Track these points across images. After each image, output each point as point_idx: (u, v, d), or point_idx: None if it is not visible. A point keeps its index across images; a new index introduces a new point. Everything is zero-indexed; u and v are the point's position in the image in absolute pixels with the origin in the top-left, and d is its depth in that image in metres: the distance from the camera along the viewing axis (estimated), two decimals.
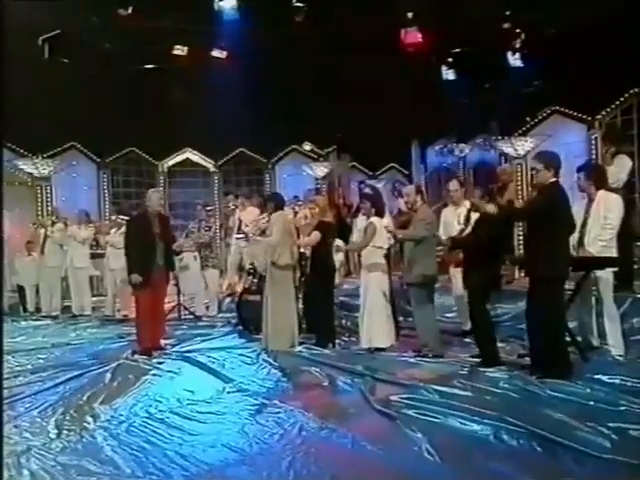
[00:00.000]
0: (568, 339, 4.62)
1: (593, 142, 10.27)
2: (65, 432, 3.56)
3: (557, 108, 10.76)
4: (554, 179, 4.47)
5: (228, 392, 4.31)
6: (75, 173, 12.01)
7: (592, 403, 3.70)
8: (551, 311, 4.27)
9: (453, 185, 6.16)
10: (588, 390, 3.95)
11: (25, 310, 9.34)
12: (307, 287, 6.17)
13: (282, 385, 4.48)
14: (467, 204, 5.90)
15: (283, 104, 13.97)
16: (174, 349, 5.97)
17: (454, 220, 5.88)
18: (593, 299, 5.16)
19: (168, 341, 6.30)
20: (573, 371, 4.29)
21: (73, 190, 11.95)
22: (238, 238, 8.15)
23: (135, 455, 3.15)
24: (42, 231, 8.94)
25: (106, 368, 5.17)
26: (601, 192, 5.05)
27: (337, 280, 6.64)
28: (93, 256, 9.16)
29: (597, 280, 4.98)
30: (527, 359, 4.61)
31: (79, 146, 12.11)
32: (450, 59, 16.13)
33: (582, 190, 5.11)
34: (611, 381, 4.15)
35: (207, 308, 8.27)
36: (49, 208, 11.31)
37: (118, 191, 12.66)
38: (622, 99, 9.90)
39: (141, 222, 5.95)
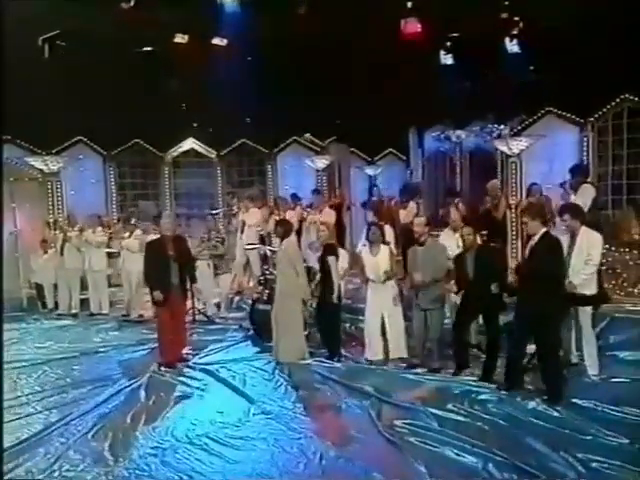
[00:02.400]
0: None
1: (585, 144, 10.79)
2: (121, 459, 4.23)
3: (551, 109, 11.20)
4: (544, 229, 5.09)
5: (253, 414, 4.99)
6: (82, 167, 12.41)
7: (567, 431, 4.40)
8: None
9: (453, 214, 6.77)
10: (564, 416, 4.67)
11: (44, 306, 9.94)
12: (317, 301, 6.77)
13: (299, 406, 5.15)
14: (467, 230, 6.54)
15: (283, 94, 14.30)
16: (195, 360, 6.62)
17: (453, 244, 6.52)
18: (572, 322, 5.83)
19: (187, 349, 6.94)
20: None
21: (81, 184, 12.38)
22: (248, 249, 8.73)
23: None
24: (60, 235, 9.44)
25: (138, 383, 5.84)
26: (583, 228, 5.67)
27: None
28: (110, 255, 9.72)
29: (577, 308, 5.65)
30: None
31: (85, 140, 12.46)
32: (448, 43, 16.46)
33: (568, 228, 5.71)
34: (585, 405, 4.87)
35: (218, 307, 8.93)
36: (60, 203, 11.78)
37: (124, 183, 13.09)
38: (613, 103, 10.37)
39: (157, 247, 6.52)
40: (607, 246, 8.78)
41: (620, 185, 10.41)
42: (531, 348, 5.31)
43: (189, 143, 13.53)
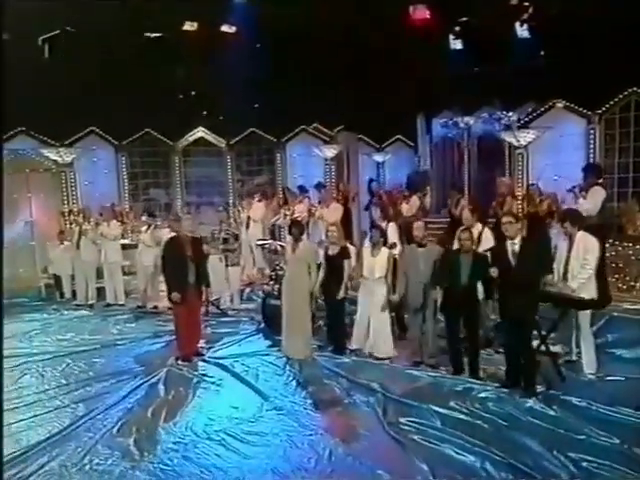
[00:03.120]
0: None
1: (592, 136, 10.92)
2: (145, 453, 4.59)
3: (559, 101, 11.31)
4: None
5: (267, 410, 5.33)
6: (95, 157, 12.69)
7: (561, 431, 4.71)
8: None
9: (466, 214, 7.00)
10: (560, 415, 4.97)
11: (62, 296, 10.33)
12: (325, 297, 7.08)
13: (309, 402, 5.49)
14: (479, 227, 6.81)
15: (292, 82, 14.44)
16: (210, 354, 6.97)
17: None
18: (573, 320, 6.11)
19: (202, 343, 7.28)
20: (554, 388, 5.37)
21: (94, 174, 12.70)
22: (259, 245, 9.03)
23: (207, 478, 4.19)
24: (77, 229, 9.77)
25: (157, 378, 6.20)
26: (580, 233, 5.90)
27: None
28: (124, 247, 10.05)
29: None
30: None
31: (98, 131, 12.71)
32: (457, 28, 16.47)
33: (567, 233, 5.94)
34: (580, 404, 5.16)
35: (231, 300, 9.26)
36: (74, 193, 12.10)
37: (136, 172, 13.38)
38: (621, 96, 10.47)
39: (175, 246, 6.81)
40: (611, 240, 9.08)
41: (626, 178, 10.57)
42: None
43: (199, 132, 13.74)
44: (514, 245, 5.52)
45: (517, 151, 11.55)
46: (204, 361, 6.74)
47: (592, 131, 10.87)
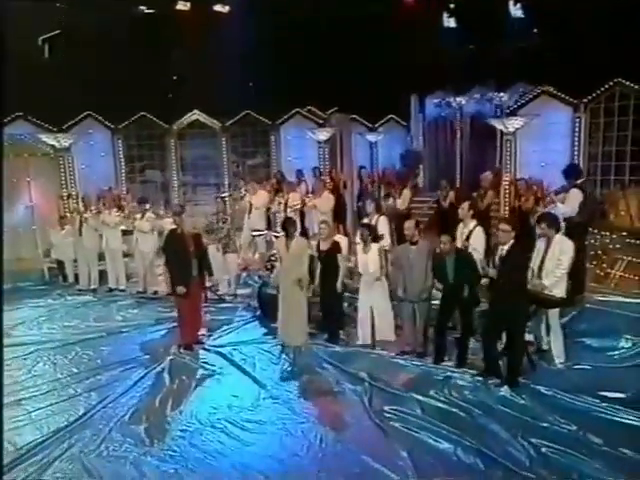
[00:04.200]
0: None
1: (577, 124, 11.34)
2: (155, 441, 5.18)
3: (546, 89, 11.67)
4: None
5: (264, 398, 5.92)
6: (92, 141, 13.02)
7: (527, 418, 5.32)
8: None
9: (462, 208, 7.49)
10: (528, 403, 5.58)
11: (65, 280, 10.84)
12: (320, 289, 7.60)
13: (302, 390, 6.08)
14: (471, 224, 7.31)
15: (286, 62, 14.70)
16: (209, 342, 7.53)
17: (458, 236, 7.32)
18: (545, 312, 6.68)
19: (203, 330, 7.83)
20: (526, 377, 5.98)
21: (91, 158, 13.05)
22: (255, 235, 9.52)
23: (213, 463, 4.79)
24: (78, 217, 10.20)
25: (162, 366, 6.77)
26: (558, 236, 6.42)
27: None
28: (124, 232, 10.50)
29: None
30: None
31: (94, 115, 13.00)
32: (452, 5, 16.70)
33: (544, 235, 6.45)
34: (547, 393, 5.77)
35: (229, 284, 9.78)
36: (72, 177, 12.49)
37: (132, 155, 13.73)
38: (607, 86, 10.84)
39: (178, 242, 7.29)
40: (591, 229, 9.65)
41: (609, 166, 11.04)
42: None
43: (194, 115, 14.02)
44: (502, 250, 6.02)
45: (505, 137, 11.95)
46: (205, 349, 7.31)
47: (578, 120, 11.27)
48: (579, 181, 7.70)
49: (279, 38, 14.85)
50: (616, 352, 6.65)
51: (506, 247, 5.97)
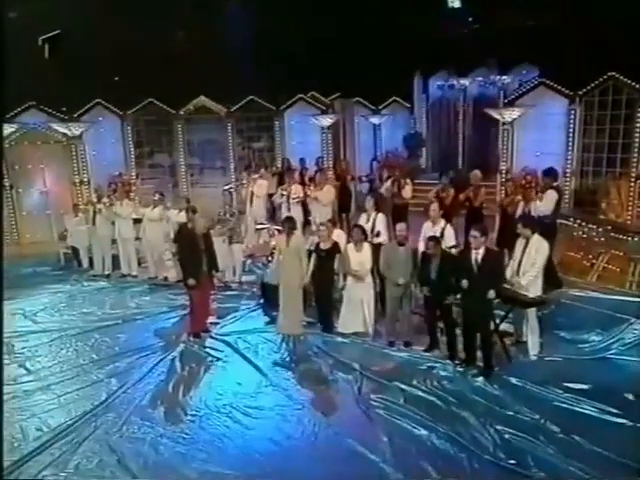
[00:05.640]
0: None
1: (572, 116, 11.85)
2: (170, 423, 6.05)
3: (543, 80, 12.14)
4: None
5: (265, 386, 6.76)
6: (102, 128, 13.70)
7: (497, 408, 6.12)
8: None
9: (433, 207, 8.19)
10: (499, 394, 6.38)
11: (80, 265, 11.68)
12: (315, 284, 8.36)
13: (299, 378, 6.92)
14: (442, 223, 8.06)
15: (289, 47, 15.18)
16: (216, 331, 8.35)
17: (430, 233, 8.01)
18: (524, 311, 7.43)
19: (212, 318, 8.66)
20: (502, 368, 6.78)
21: (102, 144, 13.77)
22: (258, 229, 10.27)
23: (219, 445, 5.65)
24: (91, 208, 10.97)
25: (174, 354, 7.63)
26: (535, 237, 7.12)
27: None
28: (135, 221, 11.25)
29: None
30: None
31: (103, 102, 13.65)
32: None
33: (522, 235, 7.14)
34: (518, 384, 6.56)
35: (234, 272, 10.57)
36: (84, 163, 13.23)
37: (141, 140, 14.42)
38: (601, 79, 11.31)
39: (190, 237, 8.07)
40: (579, 221, 10.32)
41: (601, 158, 11.60)
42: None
43: (200, 100, 14.61)
44: (477, 254, 6.72)
45: (503, 127, 12.48)
46: (212, 338, 8.14)
47: (573, 111, 11.78)
48: (555, 183, 8.40)
49: (282, 21, 15.31)
50: (587, 345, 7.42)
51: (480, 251, 6.65)
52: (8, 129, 12.16)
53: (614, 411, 5.92)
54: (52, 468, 5.34)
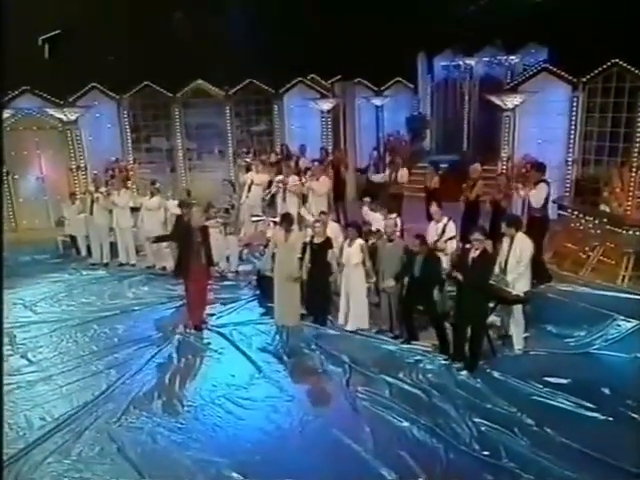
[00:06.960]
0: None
1: (575, 103, 12.27)
2: (167, 414, 6.73)
3: (547, 66, 12.53)
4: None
5: (257, 377, 7.42)
6: (98, 113, 14.24)
7: (477, 400, 6.75)
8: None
9: (434, 209, 8.80)
10: (480, 387, 7.01)
11: (78, 253, 12.35)
12: (309, 277, 8.97)
13: (291, 371, 7.57)
14: (445, 220, 8.67)
15: (289, 29, 15.56)
16: (212, 322, 9.01)
17: (434, 232, 8.71)
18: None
19: (208, 309, 9.30)
20: (486, 362, 7.38)
21: (98, 129, 14.35)
22: (254, 221, 10.86)
23: (212, 435, 6.33)
24: (89, 197, 11.58)
25: (171, 345, 8.30)
26: (519, 235, 7.68)
27: None
28: (133, 209, 11.86)
29: None
30: None
31: (99, 86, 14.16)
32: None
33: (508, 234, 7.70)
34: (499, 378, 7.18)
35: (227, 259, 11.17)
36: (80, 149, 13.81)
37: (138, 125, 14.96)
38: (604, 67, 11.70)
39: (185, 230, 8.68)
40: (576, 213, 10.83)
41: (603, 146, 12.05)
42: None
43: (198, 83, 15.09)
44: (475, 252, 7.27)
45: (504, 114, 12.91)
46: (208, 329, 8.80)
47: (575, 98, 12.19)
48: (543, 177, 9.00)
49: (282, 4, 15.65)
50: (571, 339, 8.02)
51: (478, 251, 7.22)
52: (3, 114, 12.73)
53: (588, 405, 6.52)
54: (56, 455, 6.03)
